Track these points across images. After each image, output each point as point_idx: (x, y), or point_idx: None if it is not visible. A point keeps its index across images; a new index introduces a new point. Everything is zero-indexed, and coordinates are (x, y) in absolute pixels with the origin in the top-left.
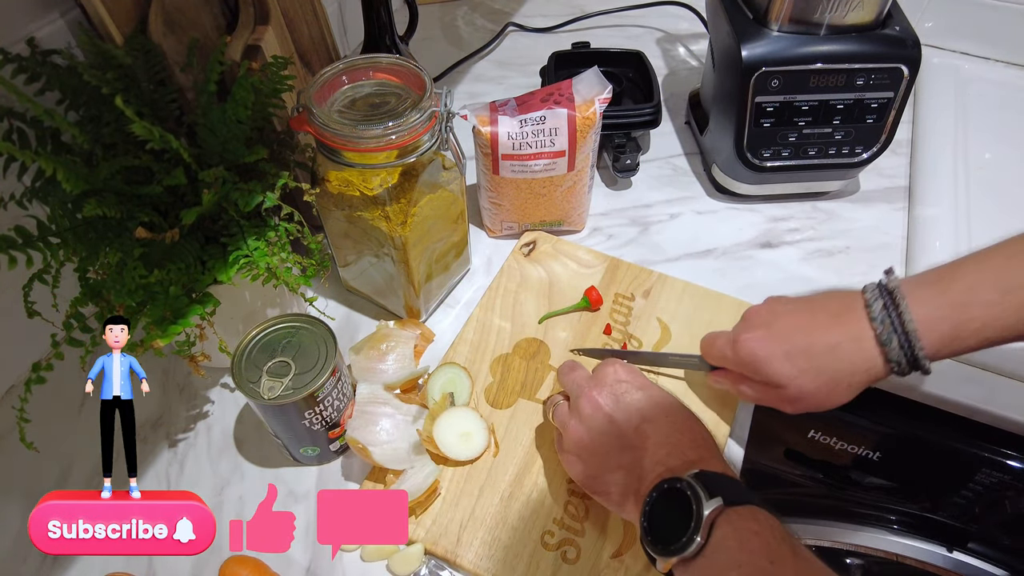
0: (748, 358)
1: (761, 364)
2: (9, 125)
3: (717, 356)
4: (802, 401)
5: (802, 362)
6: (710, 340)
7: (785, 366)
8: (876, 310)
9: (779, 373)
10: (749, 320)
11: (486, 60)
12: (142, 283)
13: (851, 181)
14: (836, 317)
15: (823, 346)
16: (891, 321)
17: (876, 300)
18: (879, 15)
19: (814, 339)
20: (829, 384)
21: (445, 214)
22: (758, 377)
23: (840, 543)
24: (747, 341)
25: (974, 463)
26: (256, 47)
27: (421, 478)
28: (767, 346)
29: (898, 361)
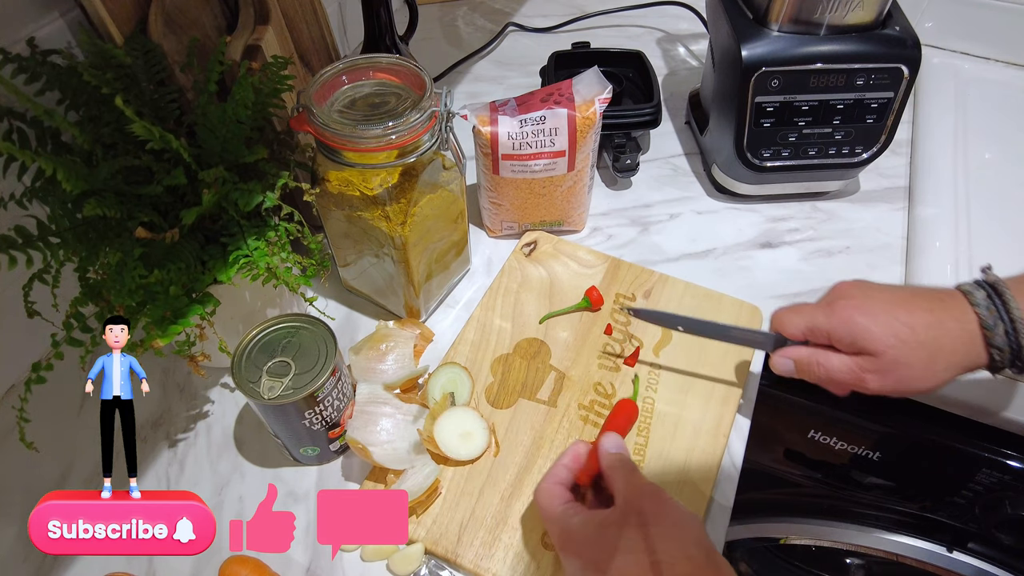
0: (846, 322)
1: (860, 328)
2: (9, 125)
3: (804, 323)
4: (895, 372)
5: (904, 332)
6: (793, 308)
7: (886, 333)
8: (979, 298)
9: (880, 339)
10: (843, 290)
11: (486, 60)
12: (142, 283)
13: (851, 181)
14: (938, 300)
15: (926, 321)
16: (996, 309)
17: (978, 290)
18: (879, 15)
19: (916, 314)
20: (927, 360)
21: (445, 214)
22: (853, 345)
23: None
24: (846, 307)
25: (974, 463)
26: (256, 47)
27: (421, 478)
28: (868, 313)
29: (1001, 348)
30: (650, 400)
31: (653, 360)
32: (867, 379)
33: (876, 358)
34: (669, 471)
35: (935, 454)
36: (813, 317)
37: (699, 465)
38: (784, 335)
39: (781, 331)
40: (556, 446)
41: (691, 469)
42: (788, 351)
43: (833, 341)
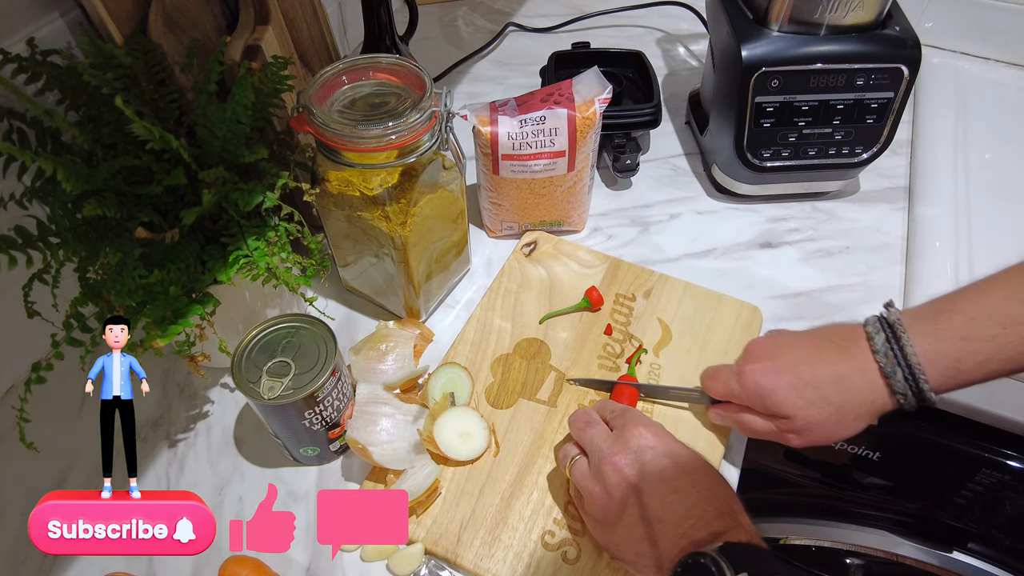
0: (754, 388)
1: (767, 395)
2: (9, 125)
3: (721, 389)
4: (809, 432)
5: (809, 393)
6: (712, 373)
7: (792, 396)
8: (879, 343)
9: (786, 404)
10: (752, 352)
11: (486, 60)
12: (142, 283)
13: (851, 181)
14: (841, 350)
15: (829, 377)
16: (894, 354)
17: (878, 333)
18: (879, 15)
19: (820, 370)
20: (837, 415)
21: (445, 214)
22: (764, 409)
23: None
24: (752, 372)
25: (974, 463)
26: (256, 47)
27: (422, 478)
28: (773, 377)
29: (903, 393)
30: (650, 400)
31: (653, 360)
32: (788, 438)
33: (789, 420)
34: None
35: (935, 454)
36: (727, 383)
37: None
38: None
39: (707, 392)
40: (559, 439)
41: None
42: (718, 409)
43: (749, 406)
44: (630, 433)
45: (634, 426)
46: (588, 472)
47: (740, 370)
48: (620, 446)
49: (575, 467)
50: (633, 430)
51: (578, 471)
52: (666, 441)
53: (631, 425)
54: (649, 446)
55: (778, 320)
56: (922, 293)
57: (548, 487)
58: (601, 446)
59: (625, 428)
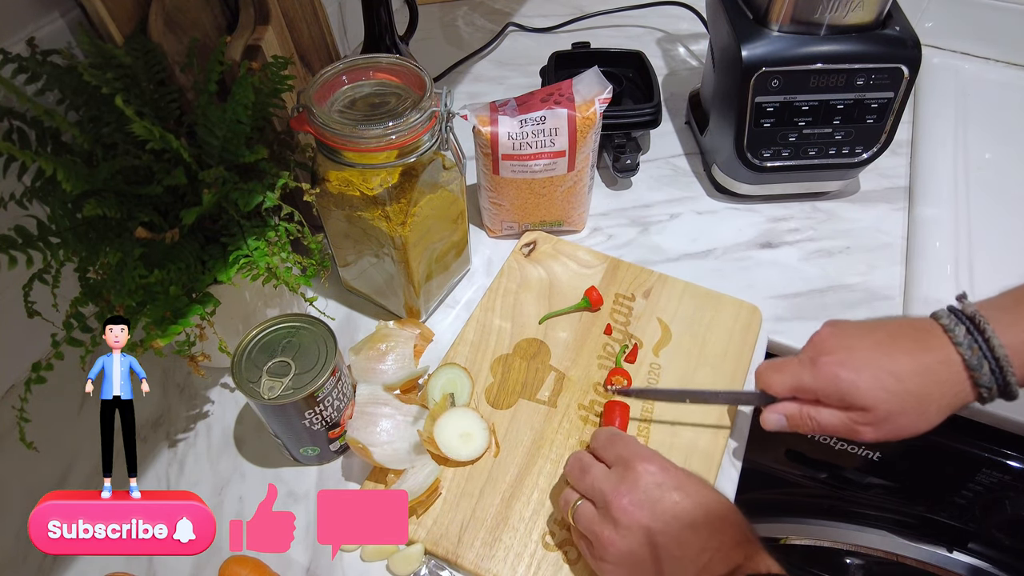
0: (832, 380)
1: (847, 386)
2: (9, 125)
3: (790, 382)
4: (889, 423)
5: (891, 383)
6: (775, 366)
7: (874, 387)
8: (959, 335)
9: (867, 395)
10: (823, 343)
11: (486, 60)
12: (142, 283)
13: (851, 181)
14: (918, 341)
15: (911, 368)
16: (979, 346)
17: (957, 325)
18: (879, 15)
19: (901, 362)
20: (918, 407)
21: (445, 214)
22: (840, 402)
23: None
24: (829, 363)
25: (974, 463)
26: (256, 47)
27: (422, 478)
28: (853, 368)
29: (989, 386)
30: (650, 400)
31: (652, 360)
32: (862, 432)
33: (868, 412)
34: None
35: (935, 454)
36: (798, 377)
37: (699, 465)
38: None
39: (767, 390)
40: (556, 446)
41: (691, 469)
42: (778, 407)
43: (821, 400)
44: (636, 471)
45: (638, 462)
46: (596, 517)
47: (815, 362)
48: (627, 486)
49: (579, 513)
50: (638, 467)
51: (584, 517)
52: (672, 474)
53: (635, 461)
54: (657, 483)
55: (778, 320)
56: (922, 293)
57: (549, 487)
58: (605, 489)
59: (629, 465)
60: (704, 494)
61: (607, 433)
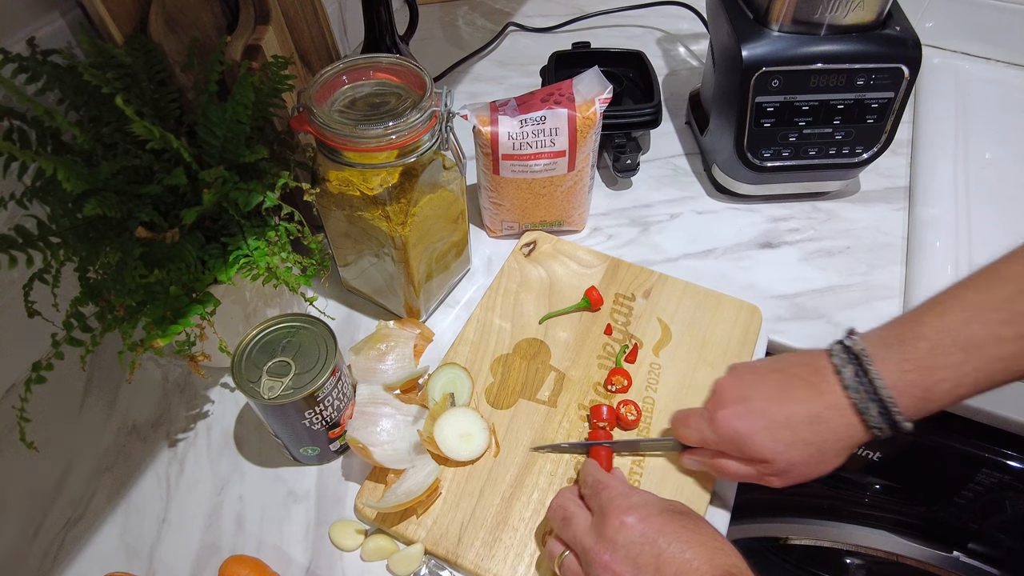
0: (730, 435)
1: (744, 440)
2: (9, 125)
3: (694, 436)
4: (790, 473)
5: (786, 435)
6: (682, 419)
7: (769, 440)
8: (848, 378)
9: (763, 448)
10: (722, 395)
11: (486, 60)
12: (142, 283)
13: (851, 181)
14: (811, 386)
15: (804, 417)
16: (865, 389)
17: (845, 366)
18: (879, 15)
19: (793, 411)
20: (816, 454)
21: (445, 214)
22: (741, 454)
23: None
24: (726, 418)
25: (974, 463)
26: (256, 47)
27: (422, 477)
28: (747, 421)
29: (879, 427)
30: (650, 400)
31: (652, 359)
32: (769, 480)
33: (769, 464)
34: (669, 471)
35: (935, 454)
36: (700, 431)
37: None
38: None
39: (680, 440)
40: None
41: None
42: (692, 455)
43: (725, 452)
44: (613, 526)
45: (614, 515)
46: (580, 571)
47: (712, 416)
48: (605, 544)
49: (565, 567)
50: (614, 520)
51: (570, 571)
52: (653, 522)
53: (613, 515)
54: (637, 536)
55: (778, 320)
56: (922, 293)
57: (549, 487)
58: (585, 544)
59: (607, 519)
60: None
61: (591, 477)
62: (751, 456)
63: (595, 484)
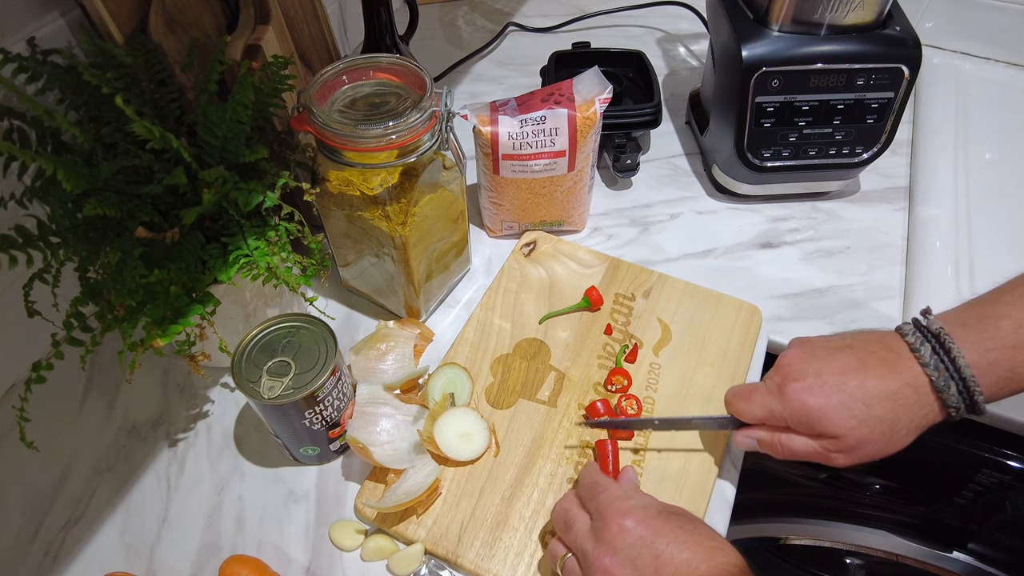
0: (801, 408)
1: (816, 414)
2: (9, 125)
3: (759, 412)
4: (859, 450)
5: (860, 411)
6: (742, 394)
7: (843, 415)
8: (926, 355)
9: (837, 423)
10: (790, 368)
11: (486, 60)
12: (142, 283)
13: (851, 181)
14: (885, 362)
15: (880, 393)
16: (945, 367)
17: (923, 344)
18: (879, 15)
19: (869, 386)
20: (888, 432)
21: (445, 214)
22: (812, 430)
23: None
24: (797, 390)
25: (974, 463)
26: (256, 47)
27: (422, 477)
28: (822, 395)
29: (956, 406)
30: (650, 400)
31: (652, 359)
32: (834, 458)
33: (839, 440)
34: (669, 471)
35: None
36: (767, 405)
37: (699, 465)
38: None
39: (738, 418)
40: (556, 446)
41: (691, 469)
42: (750, 432)
43: (791, 427)
44: (612, 529)
45: (615, 519)
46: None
47: (783, 389)
48: (606, 547)
49: (567, 569)
50: (612, 524)
51: (571, 573)
52: (652, 524)
53: (612, 518)
54: (636, 539)
55: (778, 320)
56: (922, 293)
57: (549, 487)
58: (586, 548)
59: (606, 522)
60: (686, 538)
61: (590, 480)
62: (821, 431)
63: (592, 487)
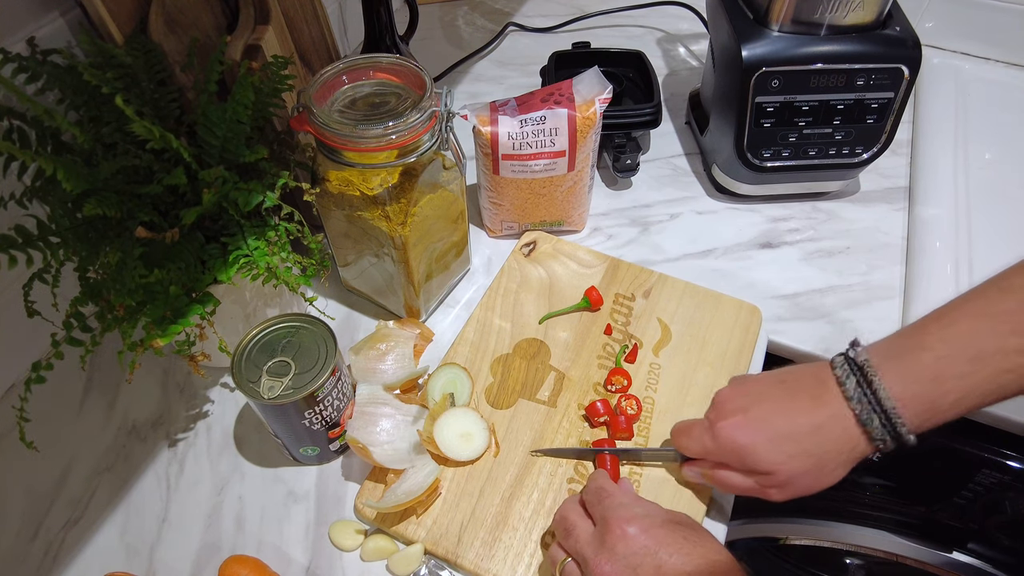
0: (731, 446)
1: (745, 451)
2: (9, 124)
3: (695, 447)
4: (791, 486)
5: (788, 446)
6: (683, 429)
7: (771, 451)
8: (850, 389)
9: (766, 460)
10: (723, 405)
11: (486, 60)
12: (142, 283)
13: (851, 181)
14: (813, 397)
15: (807, 428)
16: (868, 400)
17: (848, 377)
18: (879, 15)
19: (796, 422)
20: (817, 466)
21: (445, 214)
22: (742, 466)
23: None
24: (726, 428)
25: (974, 463)
26: (256, 47)
27: (422, 477)
28: (750, 432)
29: (882, 439)
30: (650, 400)
31: (652, 359)
32: (769, 492)
33: (770, 475)
34: (667, 478)
35: (935, 454)
36: (702, 441)
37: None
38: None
39: (681, 451)
40: (556, 446)
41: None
42: (691, 466)
43: (726, 464)
44: (615, 536)
45: (618, 525)
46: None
47: (713, 426)
48: (607, 554)
49: (566, 573)
50: (615, 530)
51: None
52: (655, 533)
53: (615, 524)
54: (638, 547)
55: (778, 320)
56: (922, 293)
57: (548, 487)
58: (587, 555)
59: (609, 528)
60: (689, 549)
61: (596, 485)
62: (752, 468)
63: (598, 492)
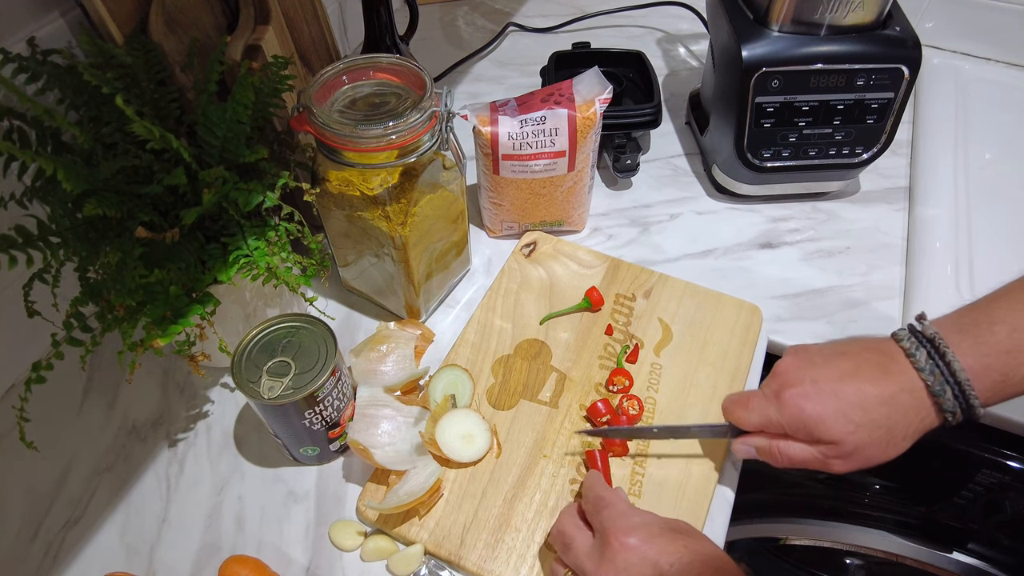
0: (798, 415)
1: (813, 421)
2: (9, 125)
3: (756, 419)
4: (858, 455)
5: (858, 416)
6: (740, 401)
7: (840, 421)
8: (921, 360)
9: (834, 429)
10: (787, 375)
11: (486, 60)
12: (142, 283)
13: (851, 181)
14: (880, 367)
15: (877, 398)
16: (940, 372)
17: (918, 349)
18: (879, 15)
19: (865, 391)
20: (886, 437)
21: (445, 214)
22: (809, 436)
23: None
24: (794, 397)
25: (974, 463)
26: (256, 47)
27: (423, 478)
28: (819, 401)
29: (952, 411)
30: (652, 400)
31: (654, 360)
32: (832, 464)
33: (836, 446)
34: (670, 471)
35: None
36: (764, 412)
37: (700, 465)
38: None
39: (736, 425)
40: (558, 447)
41: (692, 469)
42: (748, 439)
43: (789, 434)
44: (614, 547)
45: (615, 536)
46: None
47: (780, 396)
48: (607, 565)
49: None
50: (615, 542)
51: None
52: (655, 543)
53: (614, 535)
54: (635, 562)
55: (778, 320)
56: (922, 293)
57: (551, 489)
58: (587, 568)
59: (607, 540)
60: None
61: (594, 494)
62: (819, 437)
63: (597, 501)
